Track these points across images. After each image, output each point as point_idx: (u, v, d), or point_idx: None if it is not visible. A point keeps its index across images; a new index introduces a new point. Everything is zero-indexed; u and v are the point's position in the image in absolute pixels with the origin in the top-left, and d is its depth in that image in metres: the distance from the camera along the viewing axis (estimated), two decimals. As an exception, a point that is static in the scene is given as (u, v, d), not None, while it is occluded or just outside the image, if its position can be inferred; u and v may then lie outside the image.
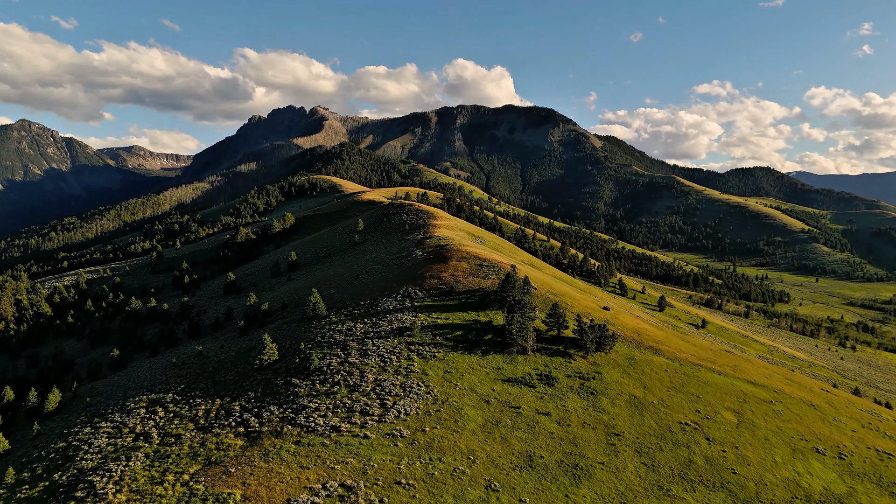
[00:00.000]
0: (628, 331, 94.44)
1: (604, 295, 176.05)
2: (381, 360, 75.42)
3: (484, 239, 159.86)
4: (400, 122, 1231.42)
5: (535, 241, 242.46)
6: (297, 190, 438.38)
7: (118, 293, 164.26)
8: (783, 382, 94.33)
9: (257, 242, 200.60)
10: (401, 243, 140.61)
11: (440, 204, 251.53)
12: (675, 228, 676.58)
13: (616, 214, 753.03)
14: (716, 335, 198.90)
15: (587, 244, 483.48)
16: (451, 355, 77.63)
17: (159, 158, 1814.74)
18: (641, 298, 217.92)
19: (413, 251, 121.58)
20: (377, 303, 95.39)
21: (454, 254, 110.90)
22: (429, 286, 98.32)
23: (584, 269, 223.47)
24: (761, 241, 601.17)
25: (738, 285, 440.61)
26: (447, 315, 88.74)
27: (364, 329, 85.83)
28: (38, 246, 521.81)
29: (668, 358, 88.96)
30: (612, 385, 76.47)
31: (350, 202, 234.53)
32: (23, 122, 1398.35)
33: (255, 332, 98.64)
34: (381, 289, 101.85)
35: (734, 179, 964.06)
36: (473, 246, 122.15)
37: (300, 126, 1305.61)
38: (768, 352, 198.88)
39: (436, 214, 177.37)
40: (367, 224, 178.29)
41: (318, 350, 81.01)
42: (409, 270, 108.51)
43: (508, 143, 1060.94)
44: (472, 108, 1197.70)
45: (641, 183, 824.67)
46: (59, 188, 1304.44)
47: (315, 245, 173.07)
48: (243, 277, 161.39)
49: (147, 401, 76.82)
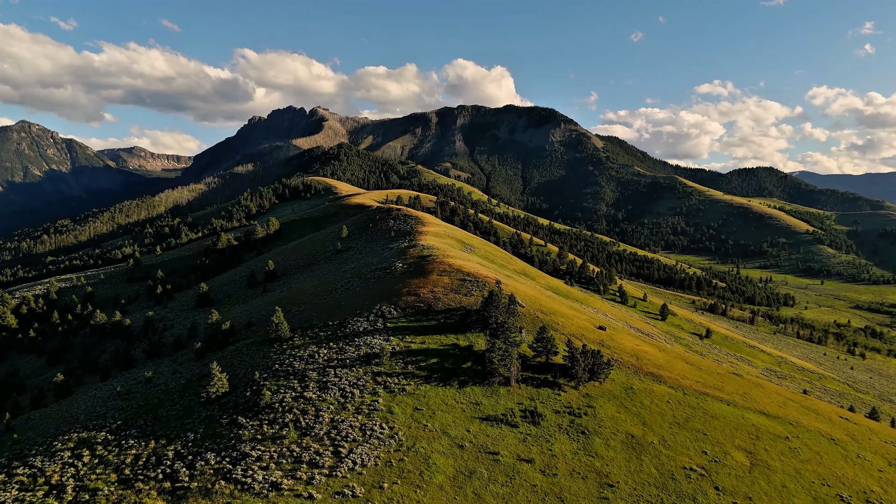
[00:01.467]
0: (626, 354, 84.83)
1: (603, 304, 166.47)
2: (342, 395, 65.94)
3: (474, 247, 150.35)
4: (400, 122, 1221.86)
5: (531, 246, 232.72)
6: (291, 192, 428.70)
7: (87, 304, 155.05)
8: (799, 411, 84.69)
9: (239, 249, 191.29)
10: (384, 252, 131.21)
11: (433, 208, 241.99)
12: (678, 230, 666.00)
13: (618, 215, 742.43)
14: (721, 346, 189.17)
15: (588, 247, 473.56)
16: (424, 388, 68.13)
17: (160, 159, 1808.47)
18: (643, 306, 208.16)
19: (394, 262, 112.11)
20: (347, 323, 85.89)
21: (436, 266, 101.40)
22: (405, 304, 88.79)
23: (583, 275, 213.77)
24: (765, 243, 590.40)
25: (742, 289, 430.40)
26: (423, 339, 79.22)
27: (328, 355, 76.32)
28: (29, 249, 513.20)
29: (671, 386, 79.39)
30: (606, 422, 66.95)
31: (338, 206, 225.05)
32: (23, 123, 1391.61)
33: (214, 355, 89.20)
34: (354, 306, 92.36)
35: (737, 180, 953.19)
36: (459, 256, 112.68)
37: (300, 127, 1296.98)
38: (776, 363, 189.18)
39: (424, 220, 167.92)
40: (352, 230, 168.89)
41: (274, 381, 71.58)
42: (387, 285, 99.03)
43: (509, 143, 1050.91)
44: (472, 109, 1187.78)
45: (643, 183, 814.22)
46: (59, 189, 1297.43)
47: (297, 253, 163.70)
48: (219, 288, 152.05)
49: (76, 440, 67.43)
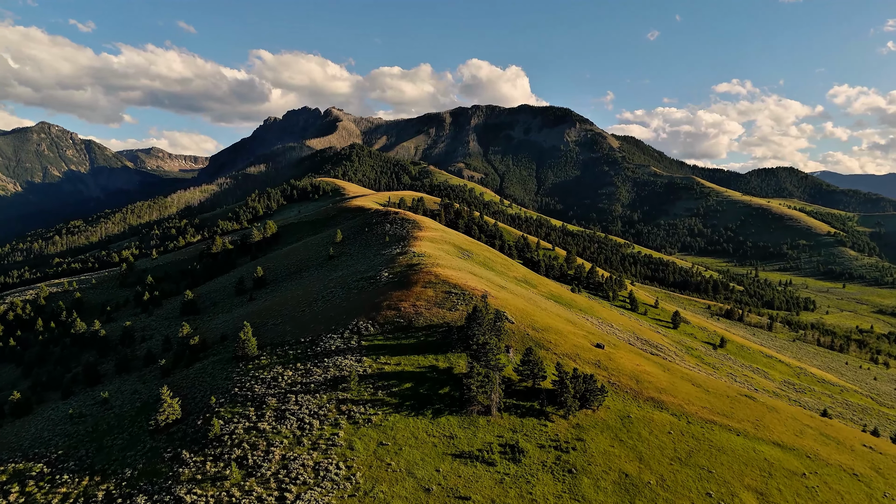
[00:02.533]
0: (624, 377, 76.98)
1: (610, 313, 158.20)
2: (300, 427, 58.92)
3: (472, 252, 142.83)
4: (414, 122, 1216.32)
5: (538, 251, 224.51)
6: (300, 193, 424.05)
7: (72, 311, 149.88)
8: (818, 441, 76.34)
9: (234, 253, 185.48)
10: (374, 259, 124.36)
11: (437, 210, 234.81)
12: (695, 231, 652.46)
13: (633, 216, 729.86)
14: (736, 356, 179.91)
15: (601, 249, 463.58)
16: (392, 418, 60.92)
17: (178, 160, 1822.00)
18: (654, 314, 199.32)
19: (380, 271, 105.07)
20: (320, 340, 78.93)
21: (421, 277, 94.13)
22: (384, 319, 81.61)
23: (592, 281, 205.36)
24: (785, 245, 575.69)
25: (760, 292, 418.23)
26: (398, 359, 72.04)
27: (293, 378, 69.41)
28: (41, 250, 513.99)
29: (673, 413, 71.47)
30: (597, 458, 59.30)
31: (337, 209, 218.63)
32: (42, 124, 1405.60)
33: (180, 373, 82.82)
34: (331, 321, 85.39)
35: (756, 180, 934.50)
36: (449, 265, 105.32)
37: (314, 127, 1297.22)
38: (795, 375, 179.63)
39: (422, 224, 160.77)
40: (347, 235, 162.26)
41: (229, 407, 64.81)
42: (368, 296, 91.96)
43: (524, 143, 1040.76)
44: (486, 109, 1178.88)
45: (660, 184, 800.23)
46: (77, 190, 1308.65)
47: (289, 258, 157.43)
48: (207, 295, 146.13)
49: (11, 472, 61.19)
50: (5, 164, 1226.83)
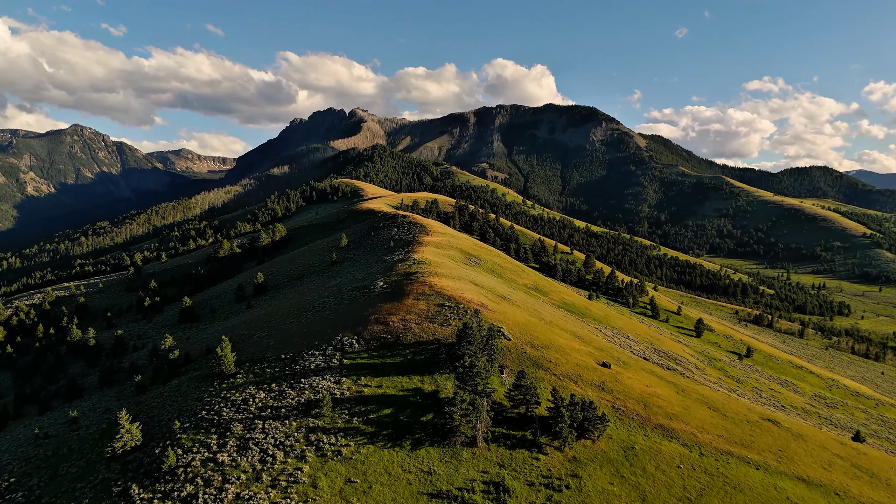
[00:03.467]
0: (631, 401, 69.94)
1: (627, 322, 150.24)
2: (261, 459, 53.30)
3: (480, 258, 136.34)
4: (438, 123, 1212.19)
5: (555, 254, 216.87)
6: (319, 194, 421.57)
7: (73, 317, 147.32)
8: (848, 474, 68.47)
9: (241, 257, 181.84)
10: (374, 266, 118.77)
11: (451, 213, 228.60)
12: (724, 232, 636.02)
13: (660, 217, 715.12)
14: (763, 367, 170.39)
15: (626, 251, 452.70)
16: (366, 450, 54.97)
17: (207, 161, 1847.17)
18: (676, 321, 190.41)
19: (376, 280, 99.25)
20: (300, 357, 73.41)
21: (415, 288, 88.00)
22: (370, 335, 75.72)
23: (611, 286, 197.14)
24: (818, 247, 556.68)
25: (791, 296, 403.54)
26: (381, 381, 66.10)
27: (264, 401, 63.92)
28: (67, 251, 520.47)
29: (685, 443, 64.28)
30: (593, 498, 52.67)
31: (348, 211, 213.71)
32: (75, 126, 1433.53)
33: (156, 390, 78.10)
34: (315, 335, 79.83)
35: (788, 179, 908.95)
36: (449, 274, 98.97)
37: (339, 128, 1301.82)
38: (827, 387, 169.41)
39: (429, 228, 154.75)
40: (352, 239, 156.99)
41: (192, 433, 59.57)
42: (358, 309, 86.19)
43: (549, 143, 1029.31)
44: (511, 108, 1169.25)
45: (688, 184, 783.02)
46: (108, 191, 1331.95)
47: (293, 263, 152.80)
48: (208, 301, 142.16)
49: (-43, 502, 56.82)
50: (39, 166, 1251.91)
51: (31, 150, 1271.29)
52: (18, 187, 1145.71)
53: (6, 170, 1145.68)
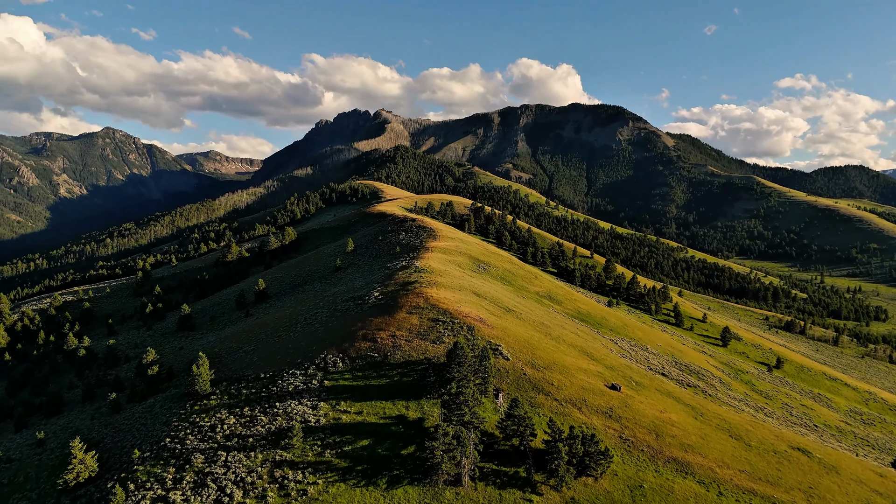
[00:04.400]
0: (642, 430, 62.73)
1: (648, 332, 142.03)
2: (217, 499, 47.59)
3: (490, 264, 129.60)
4: (462, 123, 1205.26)
5: (574, 258, 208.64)
6: (338, 196, 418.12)
7: (75, 324, 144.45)
8: (891, 517, 60.70)
9: (249, 262, 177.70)
10: (375, 274, 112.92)
11: (466, 215, 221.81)
12: (754, 234, 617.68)
13: (688, 218, 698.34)
14: (794, 379, 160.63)
15: (652, 253, 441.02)
16: (336, 489, 48.91)
17: (235, 163, 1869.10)
18: (701, 329, 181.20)
19: (372, 290, 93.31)
20: (280, 377, 67.74)
21: (409, 300, 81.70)
22: (357, 352, 69.70)
23: (633, 292, 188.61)
24: (854, 249, 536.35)
25: (825, 300, 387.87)
26: (361, 406, 60.00)
27: (233, 428, 58.30)
28: (92, 252, 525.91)
29: (701, 480, 56.98)
30: (592, 550, 45.98)
31: (360, 214, 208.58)
32: (107, 129, 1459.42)
33: (131, 410, 73.15)
34: (299, 352, 74.13)
35: (822, 179, 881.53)
36: (447, 284, 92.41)
37: (364, 129, 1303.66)
38: (863, 401, 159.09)
39: (438, 232, 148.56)
40: (359, 244, 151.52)
41: (149, 465, 54.17)
42: (348, 322, 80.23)
43: (574, 142, 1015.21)
44: (536, 108, 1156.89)
45: (717, 184, 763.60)
46: (139, 192, 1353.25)
47: (298, 269, 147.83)
48: (209, 308, 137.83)
49: None
50: (72, 168, 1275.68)
51: (64, 152, 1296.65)
52: (52, 189, 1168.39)
53: (40, 172, 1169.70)
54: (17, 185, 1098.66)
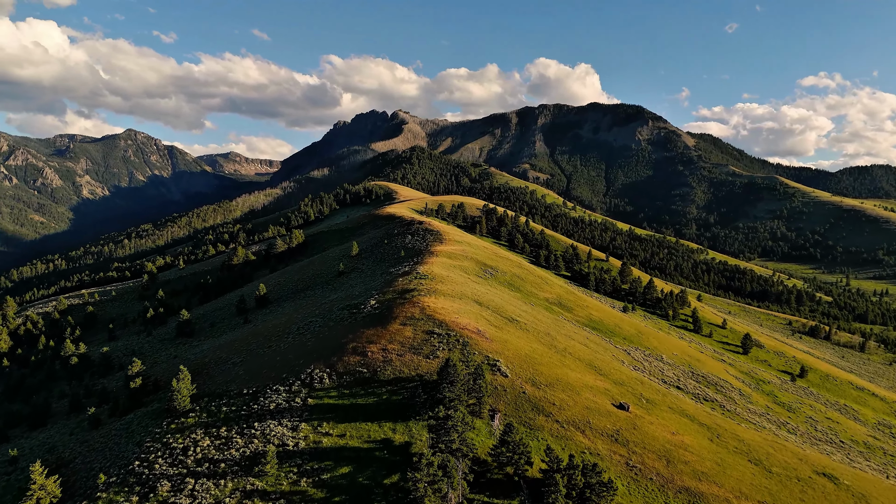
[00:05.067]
0: (651, 454, 57.46)
1: (664, 340, 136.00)
2: (177, 534, 43.50)
3: (497, 269, 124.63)
4: (479, 124, 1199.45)
5: (589, 261, 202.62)
6: (352, 197, 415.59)
7: (76, 328, 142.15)
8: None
9: (255, 265, 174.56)
10: (376, 279, 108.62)
11: (478, 217, 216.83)
12: (777, 235, 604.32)
13: (709, 219, 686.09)
14: (819, 389, 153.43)
15: (671, 255, 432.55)
16: (307, 523, 44.54)
17: (254, 164, 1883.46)
18: (720, 335, 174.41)
19: (369, 298, 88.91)
20: (263, 393, 63.58)
21: (404, 310, 77.06)
22: (345, 367, 65.26)
23: (649, 296, 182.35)
24: (881, 250, 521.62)
25: (851, 304, 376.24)
26: (345, 428, 55.52)
27: (206, 451, 54.17)
28: (110, 253, 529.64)
29: (716, 515, 51.68)
30: None
31: (369, 216, 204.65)
32: (129, 131, 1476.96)
33: (110, 426, 69.52)
34: (285, 365, 69.94)
35: (847, 179, 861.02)
36: (447, 292, 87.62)
37: (381, 130, 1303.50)
38: (892, 412, 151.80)
39: (445, 236, 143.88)
40: (364, 248, 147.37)
41: (112, 493, 50.14)
42: (340, 334, 75.88)
43: (592, 142, 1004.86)
44: (554, 108, 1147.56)
45: (739, 184, 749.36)
46: (160, 193, 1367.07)
47: (302, 273, 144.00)
48: (211, 313, 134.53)
49: None
50: (95, 170, 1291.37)
51: (87, 154, 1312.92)
52: (74, 190, 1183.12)
53: (63, 173, 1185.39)
54: (41, 186, 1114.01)
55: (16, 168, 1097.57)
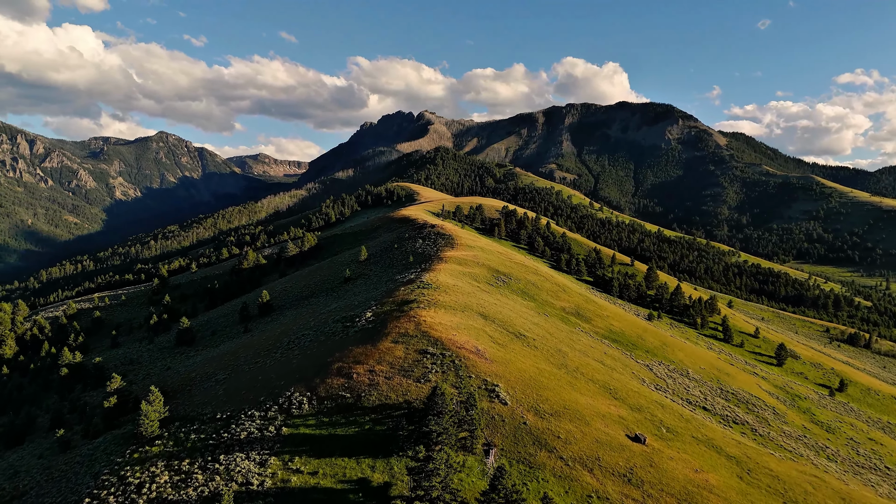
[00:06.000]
0: (670, 498, 49.85)
1: (691, 352, 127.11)
2: None
3: (511, 276, 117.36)
4: (505, 124, 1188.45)
5: (613, 266, 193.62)
6: (374, 199, 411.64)
7: (80, 334, 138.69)
8: None
9: (264, 270, 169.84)
10: (379, 287, 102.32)
11: (496, 219, 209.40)
12: (813, 236, 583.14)
13: (741, 220, 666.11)
14: (860, 405, 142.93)
15: (701, 257, 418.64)
16: (260, 584, 38.22)
17: (282, 165, 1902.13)
18: (752, 345, 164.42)
19: (367, 309, 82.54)
20: (235, 419, 57.62)
21: (398, 325, 70.41)
22: (327, 391, 58.91)
23: (676, 303, 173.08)
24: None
25: (893, 309, 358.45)
26: (318, 464, 49.11)
27: (162, 488, 48.23)
28: (136, 254, 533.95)
29: (745, 576, 43.98)
30: None
31: (384, 219, 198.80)
32: (161, 133, 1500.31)
33: (79, 450, 64.32)
34: (265, 386, 63.91)
35: (888, 178, 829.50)
36: (448, 304, 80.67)
37: (407, 131, 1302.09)
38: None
39: (457, 240, 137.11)
40: (373, 252, 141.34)
41: (52, 537, 44.76)
42: (327, 350, 69.61)
43: (621, 142, 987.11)
44: (581, 107, 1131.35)
45: (773, 184, 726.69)
46: (190, 195, 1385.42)
47: (310, 278, 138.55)
48: (215, 320, 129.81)
49: None
50: (128, 171, 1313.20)
51: (120, 156, 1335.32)
52: (108, 191, 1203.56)
53: (97, 175, 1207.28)
54: (76, 187, 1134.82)
55: (51, 170, 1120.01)
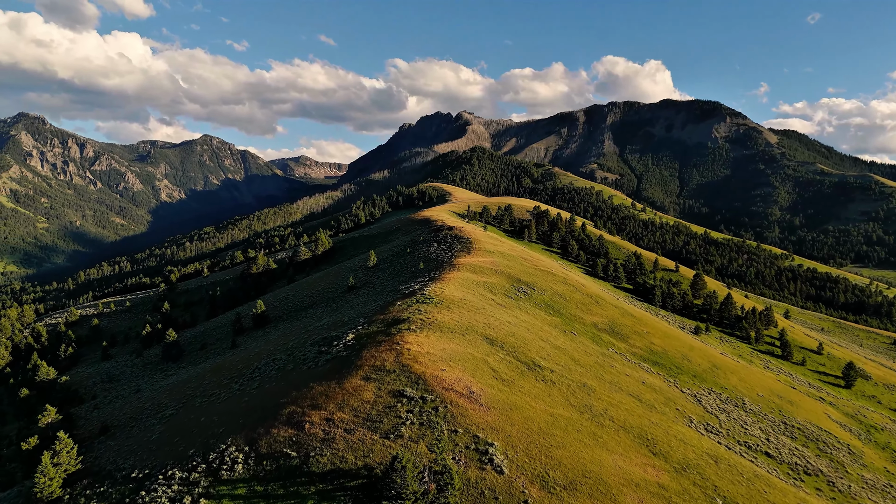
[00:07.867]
0: None
1: (746, 374, 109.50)
2: None
3: (535, 286, 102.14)
4: (545, 123, 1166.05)
5: (655, 272, 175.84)
6: (406, 200, 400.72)
7: (71, 344, 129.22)
8: None
9: (273, 275, 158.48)
10: (377, 300, 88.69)
11: (527, 220, 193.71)
12: (873, 239, 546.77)
13: (794, 221, 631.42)
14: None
15: (752, 261, 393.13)
16: None
17: (323, 167, 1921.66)
18: (815, 363, 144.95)
19: (350, 330, 68.81)
20: (152, 479, 44.49)
21: (375, 355, 56.16)
22: (270, 446, 45.22)
23: (726, 314, 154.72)
24: None
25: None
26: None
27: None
28: (172, 256, 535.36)
29: None
30: None
31: (405, 220, 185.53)
32: (205, 136, 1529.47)
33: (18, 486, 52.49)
34: (201, 433, 50.70)
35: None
36: (447, 326, 65.97)
37: (446, 132, 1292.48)
38: None
39: (476, 244, 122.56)
40: (383, 258, 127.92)
41: None
42: (286, 386, 55.83)
43: (665, 141, 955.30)
44: (624, 105, 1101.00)
45: (828, 183, 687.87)
46: (232, 196, 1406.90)
47: (312, 287, 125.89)
48: (210, 331, 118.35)
49: None
50: (173, 174, 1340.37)
51: (166, 159, 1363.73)
52: (153, 194, 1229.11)
53: (144, 177, 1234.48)
54: (123, 189, 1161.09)
55: (100, 173, 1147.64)
